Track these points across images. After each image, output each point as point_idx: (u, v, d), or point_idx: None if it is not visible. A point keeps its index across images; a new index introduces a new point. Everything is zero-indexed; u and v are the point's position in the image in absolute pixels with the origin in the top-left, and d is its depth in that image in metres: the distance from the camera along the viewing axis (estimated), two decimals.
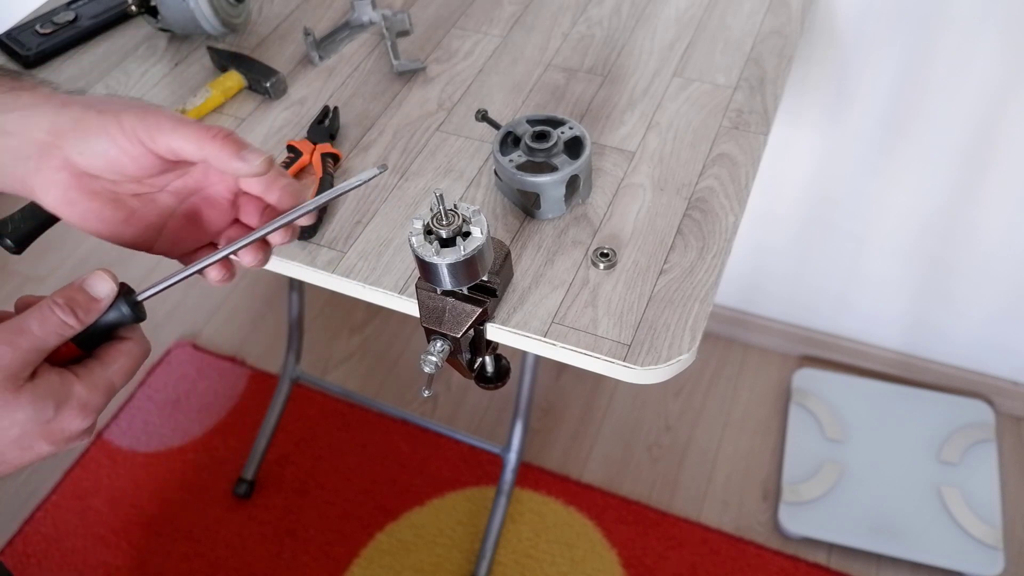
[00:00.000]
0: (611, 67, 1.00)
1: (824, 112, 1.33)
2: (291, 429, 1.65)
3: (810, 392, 1.64)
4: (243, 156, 0.52)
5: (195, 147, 0.52)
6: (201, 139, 0.52)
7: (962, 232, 1.40)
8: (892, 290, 1.55)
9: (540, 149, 0.81)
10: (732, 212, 0.83)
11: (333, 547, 1.50)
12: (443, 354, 0.72)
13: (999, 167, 1.29)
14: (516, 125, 0.85)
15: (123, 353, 0.51)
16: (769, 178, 1.45)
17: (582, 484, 1.57)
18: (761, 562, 1.47)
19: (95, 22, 1.07)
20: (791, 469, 1.55)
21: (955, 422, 1.58)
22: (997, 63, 1.17)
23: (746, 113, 0.94)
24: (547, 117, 0.86)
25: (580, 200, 0.85)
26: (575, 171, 0.81)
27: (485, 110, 0.89)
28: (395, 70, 1.00)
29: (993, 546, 1.43)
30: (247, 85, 0.99)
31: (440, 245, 0.66)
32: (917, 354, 1.64)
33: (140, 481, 1.59)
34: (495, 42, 1.05)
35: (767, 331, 1.72)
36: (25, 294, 0.51)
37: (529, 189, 0.81)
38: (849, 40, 1.23)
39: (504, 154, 0.84)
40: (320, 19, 1.09)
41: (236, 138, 0.53)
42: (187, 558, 1.50)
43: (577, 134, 0.83)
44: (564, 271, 0.79)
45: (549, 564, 1.48)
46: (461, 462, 1.60)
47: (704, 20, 1.06)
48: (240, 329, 1.84)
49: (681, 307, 0.76)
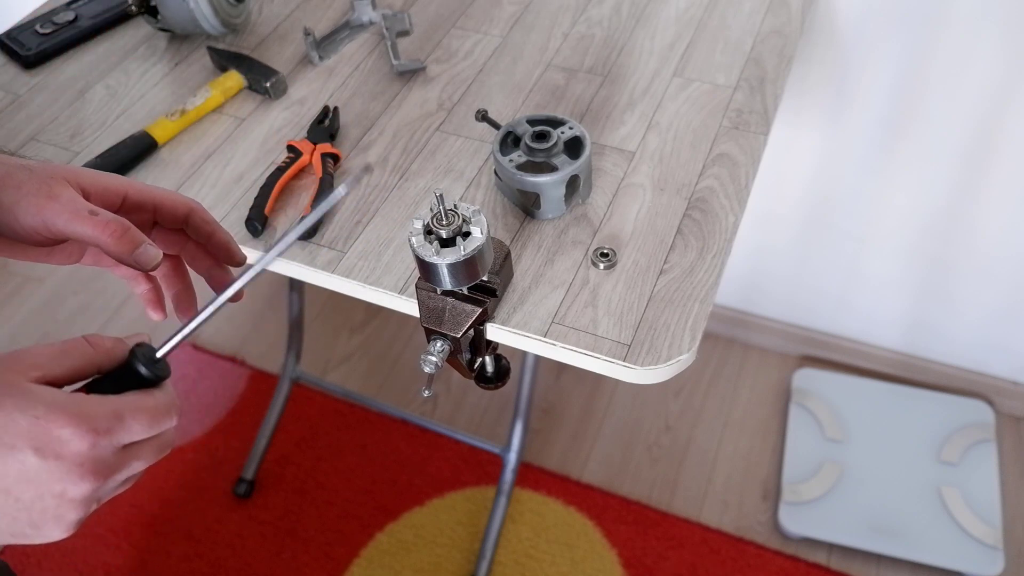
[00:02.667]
0: (611, 67, 1.00)
1: (824, 112, 1.33)
2: (291, 429, 1.65)
3: (810, 392, 1.64)
4: (135, 257, 0.54)
5: (91, 237, 0.54)
6: (98, 234, 0.54)
7: (962, 232, 1.40)
8: (892, 290, 1.55)
9: (540, 149, 0.81)
10: (732, 212, 0.83)
11: (333, 547, 1.50)
12: (443, 354, 0.72)
13: (999, 167, 1.29)
14: (516, 125, 0.85)
15: (140, 392, 0.48)
16: (769, 178, 1.45)
17: (582, 484, 1.57)
18: (761, 562, 1.47)
19: (95, 22, 1.07)
20: (791, 469, 1.55)
21: (955, 422, 1.58)
22: (997, 63, 1.17)
23: (746, 113, 0.94)
24: (547, 117, 0.86)
25: (580, 200, 0.85)
26: (575, 171, 0.81)
27: (485, 110, 0.89)
28: (395, 70, 1.00)
29: (993, 546, 1.43)
30: (247, 85, 0.99)
31: (440, 245, 0.66)
32: (917, 354, 1.64)
33: (140, 481, 1.59)
34: (495, 42, 1.05)
35: (767, 331, 1.72)
36: (25, 295, 0.51)
37: (529, 189, 0.81)
38: (849, 40, 1.23)
39: (504, 154, 0.84)
40: (320, 19, 1.09)
41: (131, 236, 0.54)
42: (187, 558, 1.50)
43: (577, 134, 0.83)
44: (564, 271, 0.79)
45: (549, 564, 1.48)
46: (461, 462, 1.60)
47: (704, 20, 1.06)
48: (240, 329, 1.84)
49: (681, 307, 0.76)
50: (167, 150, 0.93)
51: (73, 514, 0.45)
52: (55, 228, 0.54)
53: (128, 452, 0.47)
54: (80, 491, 0.44)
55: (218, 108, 0.97)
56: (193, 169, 0.91)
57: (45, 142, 0.94)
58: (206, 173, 0.91)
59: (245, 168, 0.91)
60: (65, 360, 0.46)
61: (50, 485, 0.44)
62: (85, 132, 0.95)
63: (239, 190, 0.88)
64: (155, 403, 0.48)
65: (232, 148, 0.93)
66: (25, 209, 0.54)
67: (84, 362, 0.47)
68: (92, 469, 0.44)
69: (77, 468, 0.44)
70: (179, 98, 0.99)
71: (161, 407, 0.48)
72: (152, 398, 0.48)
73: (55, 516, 0.45)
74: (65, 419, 0.43)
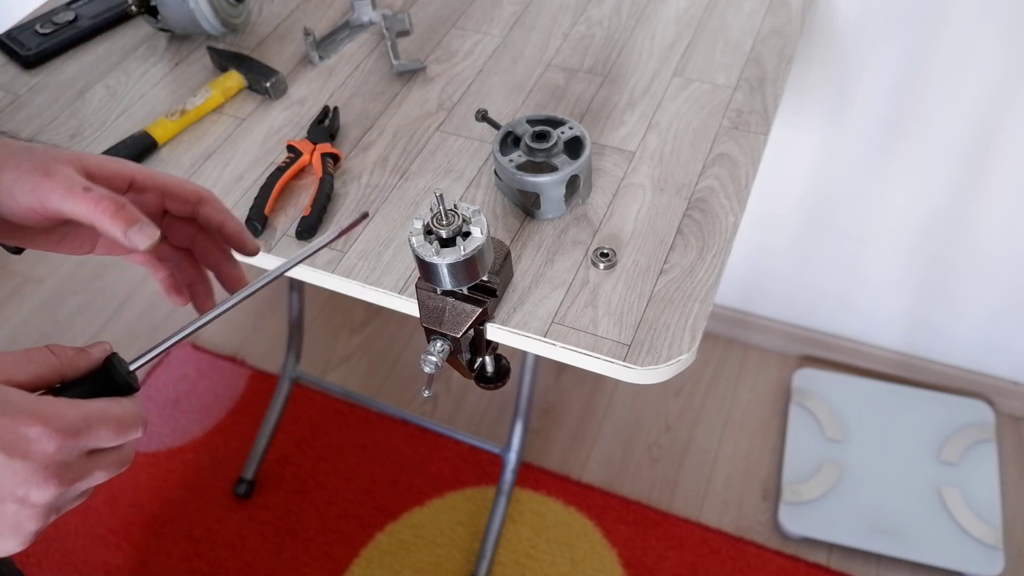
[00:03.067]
0: (611, 67, 1.00)
1: (824, 112, 1.33)
2: (291, 429, 1.65)
3: (810, 392, 1.64)
4: (129, 236, 0.52)
5: (85, 215, 0.53)
6: (92, 210, 0.52)
7: (962, 232, 1.40)
8: (892, 290, 1.55)
9: (540, 149, 0.81)
10: (732, 212, 0.83)
11: (333, 547, 1.50)
12: (443, 354, 0.72)
13: (999, 167, 1.29)
14: (516, 125, 0.85)
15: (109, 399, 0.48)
16: (769, 178, 1.45)
17: (582, 484, 1.57)
18: (761, 562, 1.47)
19: (95, 22, 1.07)
20: (791, 469, 1.55)
21: (955, 422, 1.58)
22: (997, 63, 1.17)
23: (746, 113, 0.94)
24: (547, 117, 0.86)
25: (580, 200, 0.85)
26: (575, 171, 0.81)
27: (485, 110, 0.89)
28: (395, 70, 1.00)
29: (993, 546, 1.43)
30: (247, 85, 0.99)
31: (440, 245, 0.66)
32: (917, 354, 1.64)
33: (140, 481, 1.59)
34: (495, 42, 1.05)
35: (767, 331, 1.72)
36: (25, 295, 0.50)
37: (529, 189, 0.81)
38: (849, 40, 1.23)
39: (504, 154, 0.84)
40: (320, 19, 1.09)
41: (127, 213, 0.53)
42: (187, 558, 1.50)
43: (577, 134, 0.83)
44: (564, 271, 0.79)
45: (549, 564, 1.48)
46: (461, 462, 1.60)
47: (704, 20, 1.06)
48: (240, 329, 1.84)
49: (681, 307, 0.76)
50: (167, 150, 0.93)
51: (32, 523, 0.45)
52: (50, 206, 0.53)
53: (92, 460, 0.46)
54: (43, 496, 0.44)
55: (218, 108, 0.97)
56: (193, 169, 0.91)
57: (45, 142, 0.94)
58: (206, 173, 0.91)
59: (245, 168, 0.91)
60: (29, 367, 0.46)
61: (13, 488, 0.43)
62: (85, 132, 0.95)
63: (239, 190, 0.88)
64: (123, 411, 0.47)
65: (232, 148, 0.93)
66: (21, 188, 0.53)
67: (48, 370, 0.47)
68: (56, 472, 0.44)
69: (43, 470, 0.43)
70: (179, 98, 0.99)
71: (129, 416, 0.48)
72: (120, 406, 0.47)
73: (13, 524, 0.44)
74: (34, 419, 0.43)
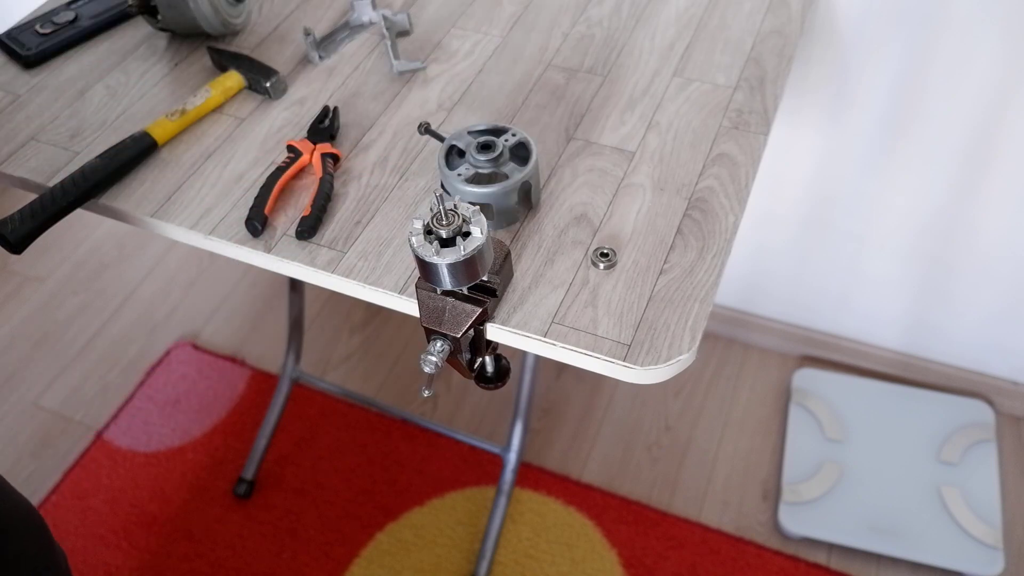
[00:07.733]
0: (611, 67, 1.00)
1: (824, 112, 1.33)
2: (291, 429, 1.65)
3: (810, 392, 1.64)
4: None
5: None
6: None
7: (962, 232, 1.40)
8: (892, 290, 1.55)
9: (486, 160, 0.80)
10: (732, 212, 0.83)
11: (333, 547, 1.50)
12: (443, 354, 0.72)
13: (999, 167, 1.29)
14: (458, 138, 0.83)
15: None
16: (769, 178, 1.45)
17: (582, 484, 1.57)
18: (761, 562, 1.47)
19: (95, 22, 1.07)
20: (791, 469, 1.55)
21: (955, 422, 1.58)
22: (997, 63, 1.17)
23: (746, 113, 0.94)
24: (489, 127, 0.84)
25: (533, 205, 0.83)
26: (525, 177, 0.79)
27: (427, 123, 0.86)
28: (395, 70, 1.00)
29: (993, 546, 1.43)
30: (247, 85, 0.99)
31: (440, 245, 0.66)
32: (917, 354, 1.64)
33: (140, 481, 1.59)
34: (495, 42, 1.05)
35: (767, 331, 1.72)
36: (25, 295, 0.51)
37: (480, 201, 0.80)
38: (849, 40, 1.23)
39: (452, 168, 0.82)
40: (320, 19, 1.09)
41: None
42: (187, 558, 1.50)
43: (521, 139, 0.82)
44: (564, 271, 0.79)
45: (549, 564, 1.48)
46: (461, 462, 1.60)
47: (704, 20, 1.06)
48: (240, 329, 1.84)
49: (681, 307, 0.76)
50: (167, 150, 0.93)
51: None
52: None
53: None
54: None
55: (218, 108, 0.97)
56: (193, 169, 0.91)
57: (45, 142, 0.94)
58: (206, 173, 0.91)
59: (245, 168, 0.91)
60: None
61: None
62: (85, 132, 0.95)
63: (239, 190, 0.88)
64: None
65: (232, 148, 0.93)
66: None
67: None
68: None
69: None
70: (179, 98, 0.99)
71: None
72: None
73: None
74: None
